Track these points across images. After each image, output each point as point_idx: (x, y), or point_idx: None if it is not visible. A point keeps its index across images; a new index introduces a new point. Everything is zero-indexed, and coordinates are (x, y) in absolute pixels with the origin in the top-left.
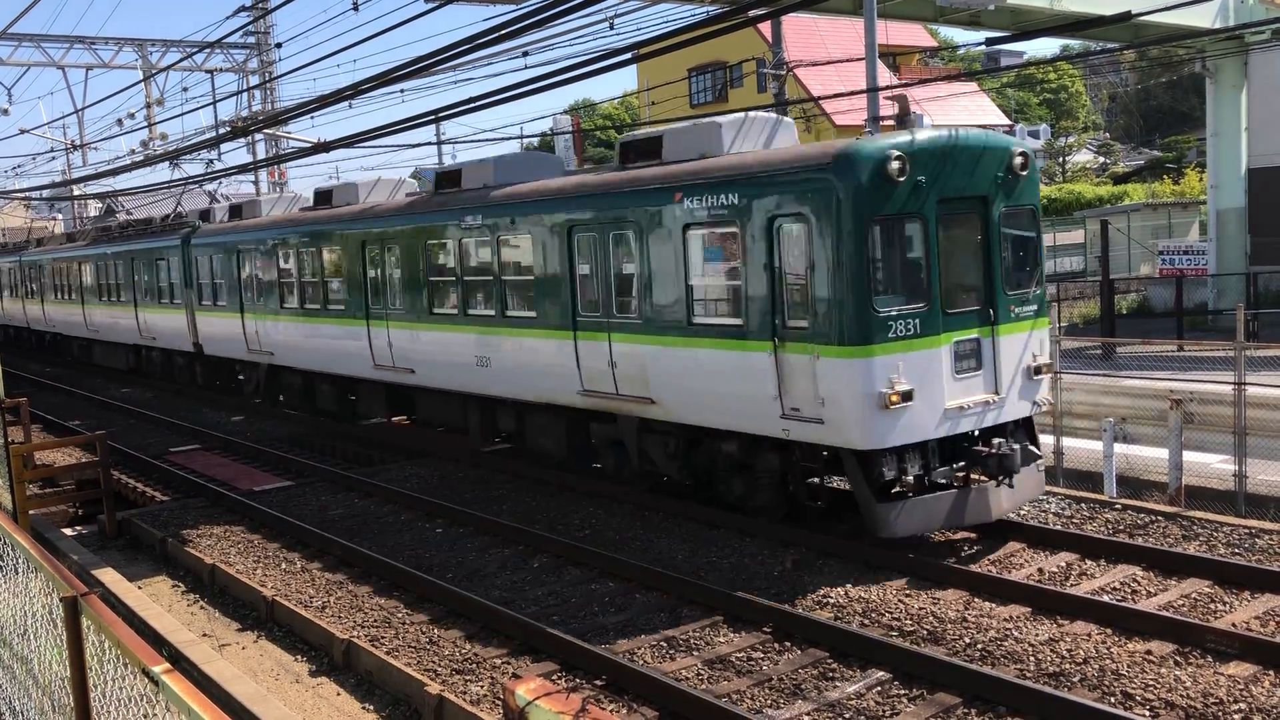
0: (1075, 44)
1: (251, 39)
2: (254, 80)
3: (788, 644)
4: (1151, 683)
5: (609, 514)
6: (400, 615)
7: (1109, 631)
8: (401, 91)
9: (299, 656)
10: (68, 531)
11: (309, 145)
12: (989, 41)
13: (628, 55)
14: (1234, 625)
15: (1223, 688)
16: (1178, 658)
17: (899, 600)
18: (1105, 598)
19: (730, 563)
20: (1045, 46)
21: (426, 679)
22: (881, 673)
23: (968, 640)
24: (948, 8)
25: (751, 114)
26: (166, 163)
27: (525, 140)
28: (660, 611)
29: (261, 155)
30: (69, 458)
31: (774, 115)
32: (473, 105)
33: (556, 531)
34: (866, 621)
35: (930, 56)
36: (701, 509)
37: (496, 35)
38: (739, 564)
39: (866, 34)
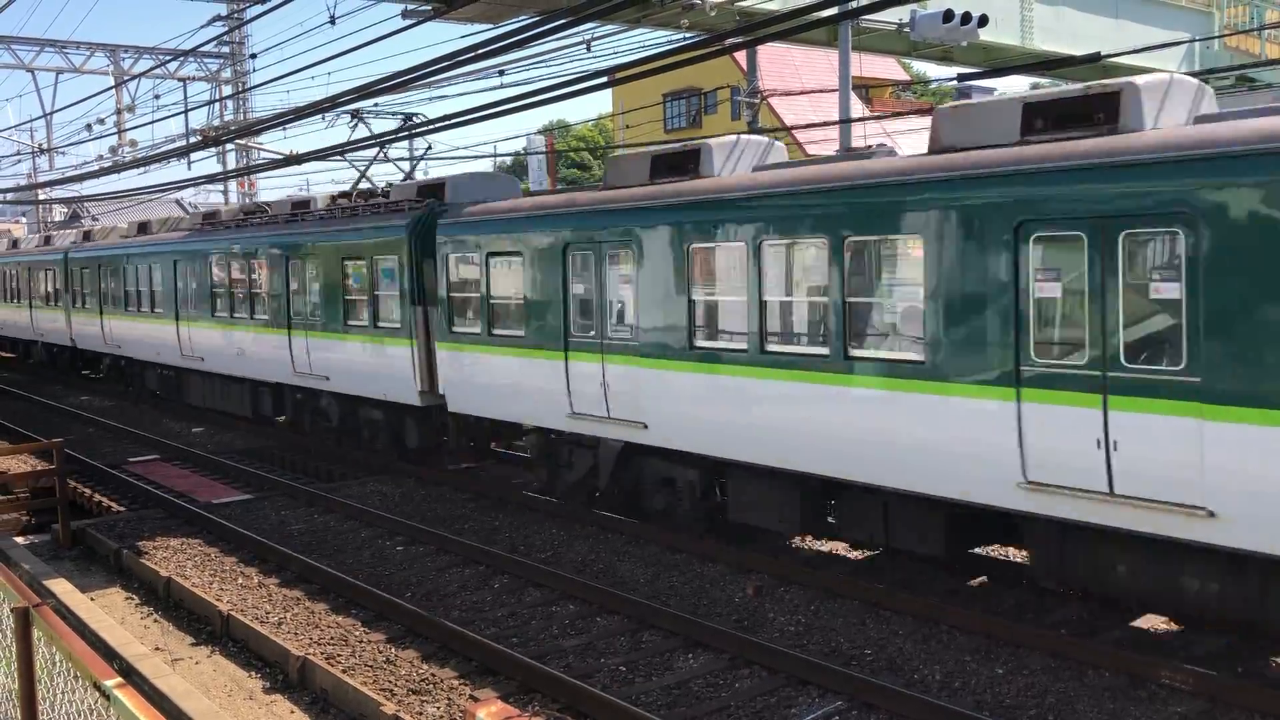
0: (1045, 82)
1: (226, 48)
2: (227, 90)
3: (746, 671)
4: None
5: (571, 536)
6: (358, 633)
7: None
8: (376, 105)
9: (253, 673)
10: (20, 540)
11: (280, 157)
12: (960, 77)
13: (603, 79)
14: None
15: None
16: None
17: (858, 628)
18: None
19: (691, 587)
20: (1016, 84)
21: (383, 699)
22: (840, 701)
23: (925, 670)
24: (921, 43)
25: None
26: (136, 169)
27: (498, 159)
28: (620, 635)
29: (232, 165)
30: (24, 465)
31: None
32: (447, 123)
33: (518, 553)
34: (826, 649)
35: (903, 90)
36: (664, 534)
37: (473, 54)
38: (700, 589)
39: (840, 66)
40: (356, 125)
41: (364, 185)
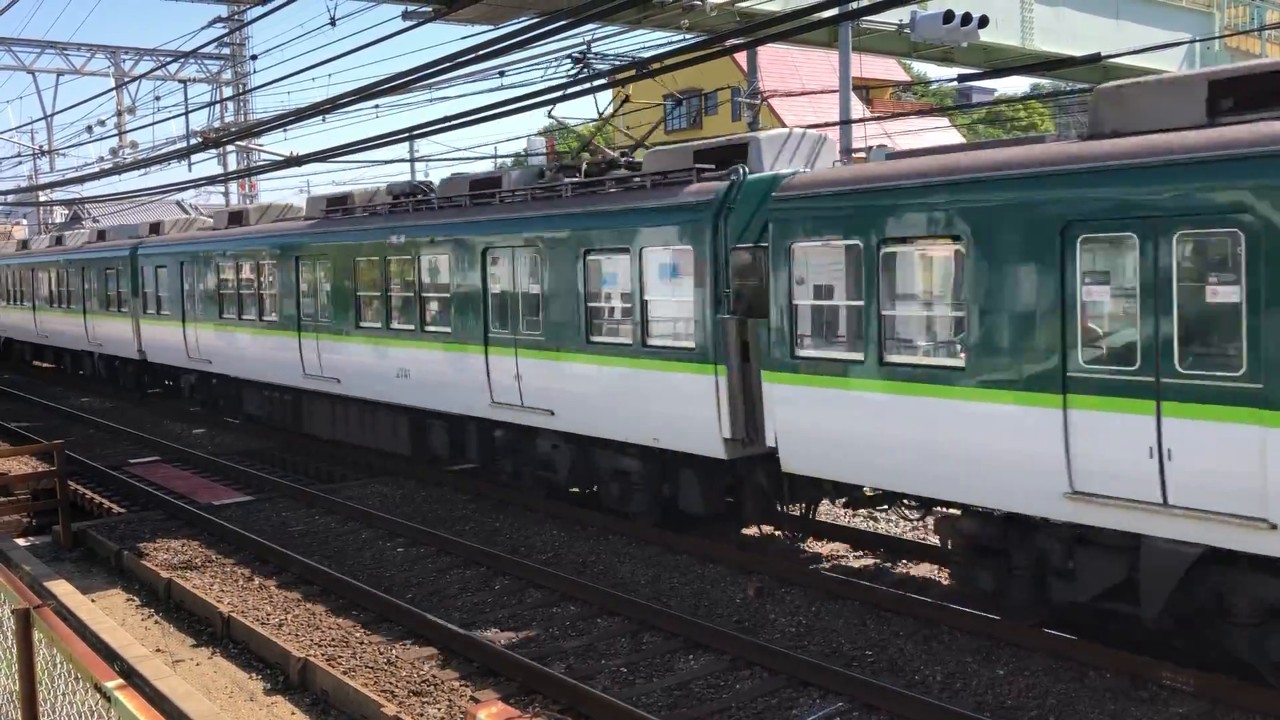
0: (1046, 83)
1: (226, 50)
2: (228, 91)
3: (748, 672)
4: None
5: (572, 537)
6: (358, 635)
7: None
8: (376, 108)
9: (254, 674)
10: (21, 542)
11: (281, 159)
12: (961, 78)
13: (603, 81)
14: None
15: None
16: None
17: (859, 629)
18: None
19: (692, 589)
20: (1016, 85)
21: (384, 700)
22: (841, 703)
23: (927, 672)
24: (921, 44)
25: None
26: (136, 170)
27: (499, 160)
28: (621, 637)
29: (233, 167)
30: (25, 466)
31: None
32: (448, 124)
33: (519, 554)
34: (827, 650)
35: (903, 91)
36: (664, 534)
37: (474, 56)
38: (701, 590)
39: (841, 67)
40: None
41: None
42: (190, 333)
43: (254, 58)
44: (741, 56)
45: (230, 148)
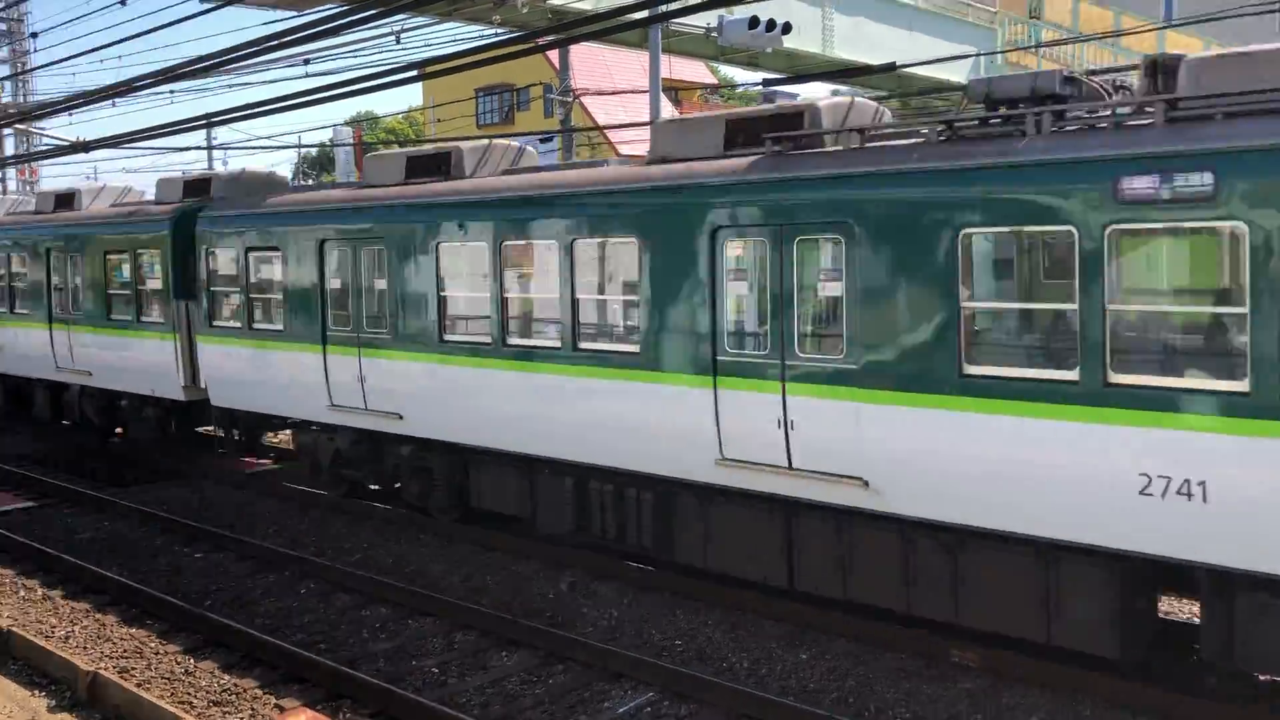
0: (845, 89)
1: (2, 26)
2: (4, 71)
3: (561, 667)
4: (903, 697)
5: (383, 538)
6: (153, 645)
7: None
8: (172, 93)
9: (38, 692)
10: None
11: (66, 144)
12: (765, 82)
13: (413, 73)
14: None
15: None
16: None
17: (669, 620)
18: None
19: (506, 586)
20: (819, 90)
21: (181, 712)
22: (652, 693)
23: (734, 659)
24: (728, 48)
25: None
26: None
27: (303, 150)
28: (434, 637)
29: (10, 151)
30: None
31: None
32: (249, 112)
33: (326, 556)
34: (639, 642)
35: (711, 93)
36: (478, 532)
37: (278, 42)
38: (515, 587)
39: (651, 67)
40: None
41: None
42: None
43: (34, 35)
44: (554, 54)
45: (7, 131)
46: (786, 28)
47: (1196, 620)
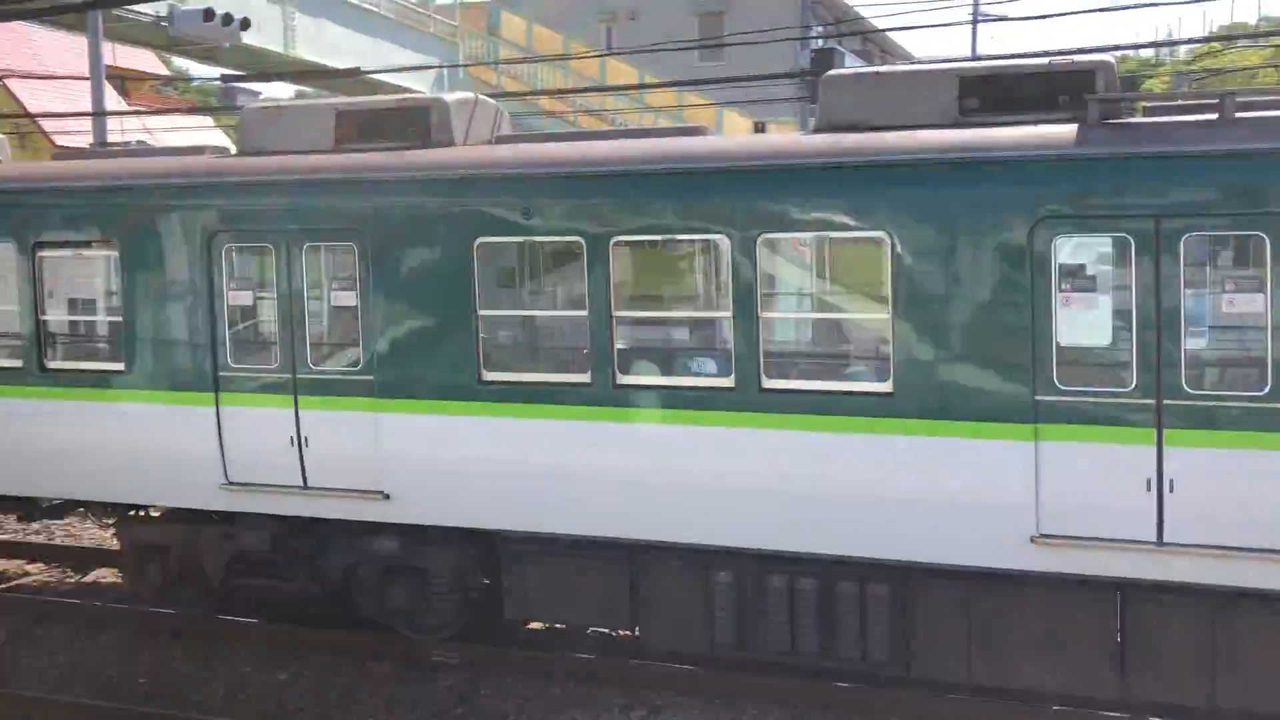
0: (310, 90)
1: None
2: None
3: None
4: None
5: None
6: None
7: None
8: None
9: None
10: None
11: None
12: (224, 79)
13: None
14: None
15: None
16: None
17: (131, 657)
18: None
19: None
20: (285, 90)
21: None
22: None
23: (208, 690)
24: (180, 39)
25: None
26: None
27: None
28: None
29: None
30: None
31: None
32: None
33: None
34: (96, 687)
35: (165, 85)
36: None
37: None
38: None
39: (91, 54)
40: None
41: None
42: None
43: None
44: None
45: None
46: (245, 23)
47: None
